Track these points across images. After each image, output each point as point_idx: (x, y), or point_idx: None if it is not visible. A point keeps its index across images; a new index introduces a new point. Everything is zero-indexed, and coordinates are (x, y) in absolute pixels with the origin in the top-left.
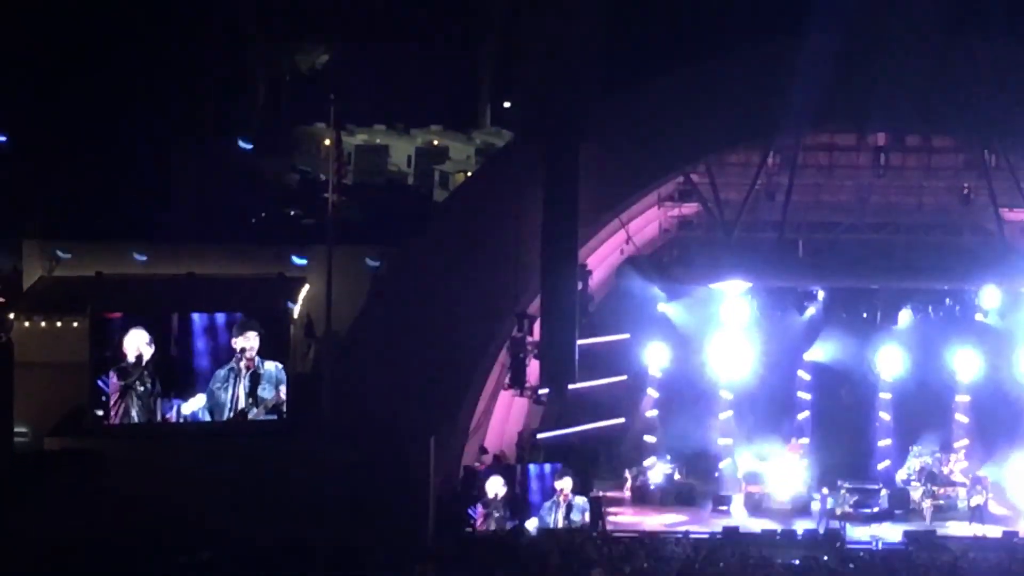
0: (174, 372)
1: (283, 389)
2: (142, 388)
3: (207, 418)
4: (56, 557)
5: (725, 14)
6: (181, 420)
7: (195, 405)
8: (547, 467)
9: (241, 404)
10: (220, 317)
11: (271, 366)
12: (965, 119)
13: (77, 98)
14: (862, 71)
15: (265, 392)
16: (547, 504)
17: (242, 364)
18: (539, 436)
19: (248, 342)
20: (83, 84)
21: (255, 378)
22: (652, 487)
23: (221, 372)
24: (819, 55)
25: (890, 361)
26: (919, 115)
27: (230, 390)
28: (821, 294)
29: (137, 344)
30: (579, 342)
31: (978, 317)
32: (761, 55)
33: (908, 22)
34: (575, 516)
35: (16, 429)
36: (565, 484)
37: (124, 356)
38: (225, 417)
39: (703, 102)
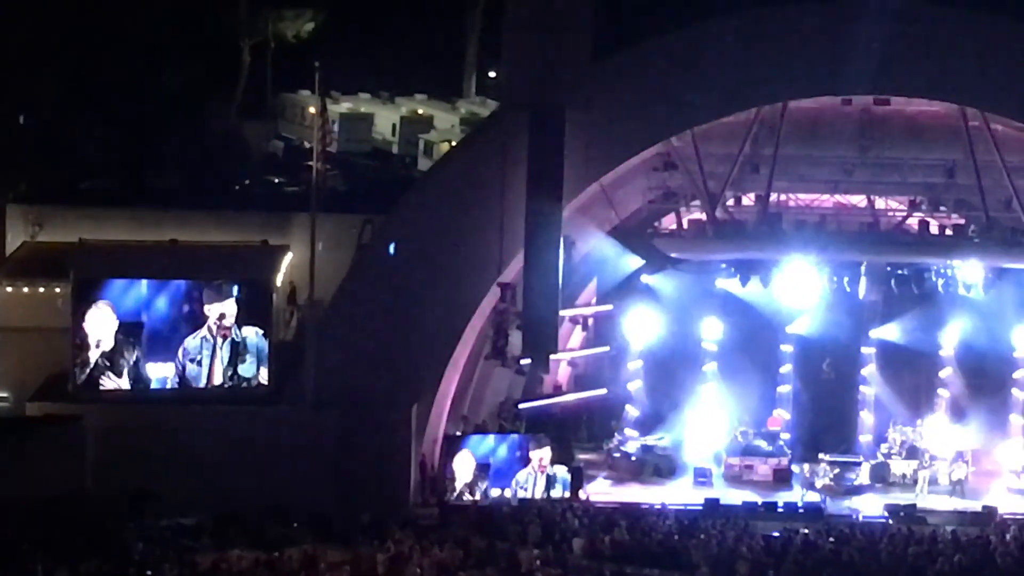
0: (146, 339)
1: (264, 371)
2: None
3: (175, 387)
4: (38, 521)
5: None
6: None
7: (162, 372)
8: (525, 436)
9: (217, 378)
10: (197, 284)
11: (251, 333)
12: (949, 86)
13: (59, 65)
14: (843, 38)
15: (247, 369)
16: (523, 473)
17: (216, 332)
18: (520, 406)
19: (224, 308)
20: (66, 51)
21: (234, 348)
22: (633, 458)
23: (192, 342)
24: (802, 25)
25: (873, 335)
26: (903, 82)
27: (205, 361)
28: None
29: (102, 324)
30: (561, 312)
31: (961, 292)
32: (745, 23)
33: None
34: (555, 486)
35: None
36: (544, 454)
37: (84, 332)
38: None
39: (688, 70)
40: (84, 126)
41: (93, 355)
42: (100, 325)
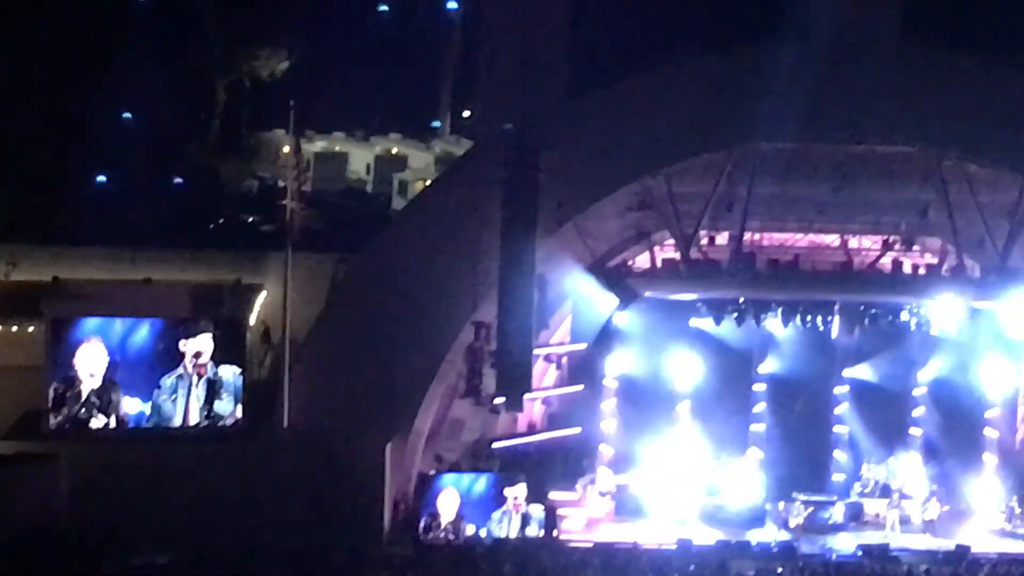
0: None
1: (239, 409)
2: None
3: (149, 425)
4: (12, 560)
5: (683, 23)
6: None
7: (136, 409)
8: (500, 475)
9: (194, 418)
10: (172, 323)
11: (227, 372)
12: (924, 130)
13: (32, 100)
14: (820, 81)
15: (223, 407)
16: (498, 513)
17: (191, 370)
18: (494, 445)
19: (200, 345)
20: (38, 87)
21: (210, 386)
22: (607, 497)
23: (167, 380)
24: (777, 64)
25: (846, 374)
26: (877, 125)
27: (180, 400)
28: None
29: (91, 360)
30: (535, 351)
31: (934, 331)
32: (720, 64)
33: (865, 32)
34: (530, 525)
35: None
36: (518, 492)
37: (74, 367)
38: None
39: (662, 111)
40: (58, 164)
41: (85, 390)
42: (92, 361)
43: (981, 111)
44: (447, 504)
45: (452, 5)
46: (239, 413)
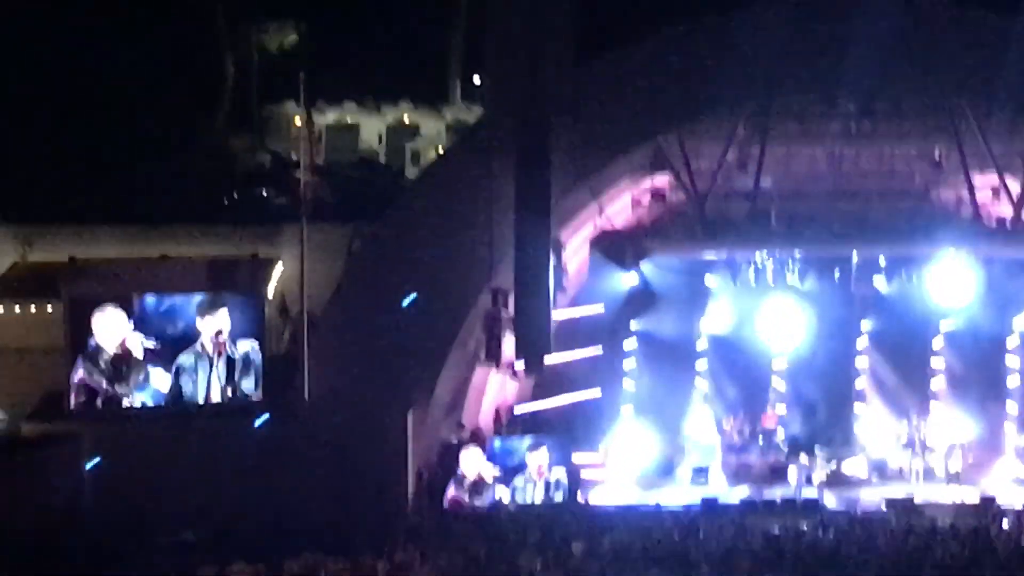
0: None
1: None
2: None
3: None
4: (36, 542)
5: None
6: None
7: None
8: (522, 440)
9: (216, 395)
10: (189, 299)
11: (247, 347)
12: (932, 84)
13: (44, 80)
14: (829, 38)
15: (246, 384)
16: (521, 478)
17: (210, 348)
18: (516, 410)
19: (219, 322)
20: (49, 66)
21: (230, 364)
22: (631, 459)
23: (186, 359)
24: (787, 22)
25: (866, 326)
26: (887, 80)
27: (201, 378)
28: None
29: (110, 327)
30: (554, 315)
31: (952, 282)
32: (730, 23)
33: None
34: (554, 491)
35: None
36: (541, 458)
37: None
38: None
39: (673, 72)
40: (71, 144)
41: (108, 360)
42: (111, 328)
43: (991, 62)
44: (470, 464)
45: None
46: (258, 389)
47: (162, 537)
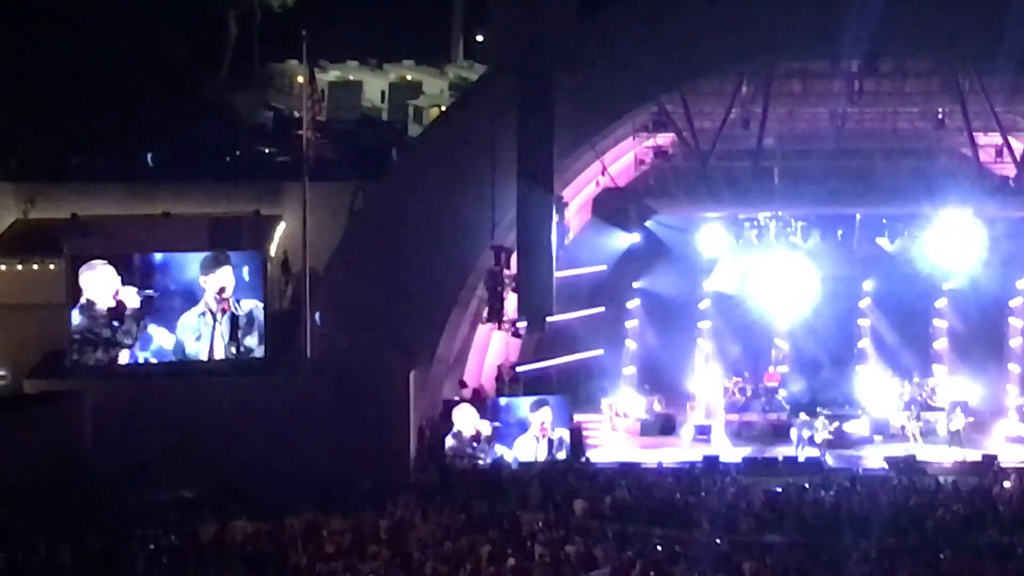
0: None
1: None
2: (112, 330)
3: (173, 361)
4: (39, 499)
5: None
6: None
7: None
8: (526, 399)
9: (219, 353)
10: (191, 257)
11: (251, 305)
12: (935, 43)
13: (47, 40)
14: None
15: (250, 342)
16: (524, 436)
17: (214, 305)
18: (518, 369)
19: (222, 279)
20: (53, 26)
21: (234, 321)
22: (632, 418)
23: (189, 317)
24: None
25: (869, 286)
26: (890, 38)
27: (205, 335)
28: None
29: (99, 284)
30: (556, 274)
31: (954, 241)
32: None
33: None
34: (556, 449)
35: None
36: (544, 417)
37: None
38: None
39: (676, 28)
40: (73, 102)
41: (102, 317)
42: (100, 285)
43: (993, 22)
44: (464, 419)
45: None
46: (261, 346)
47: (164, 494)
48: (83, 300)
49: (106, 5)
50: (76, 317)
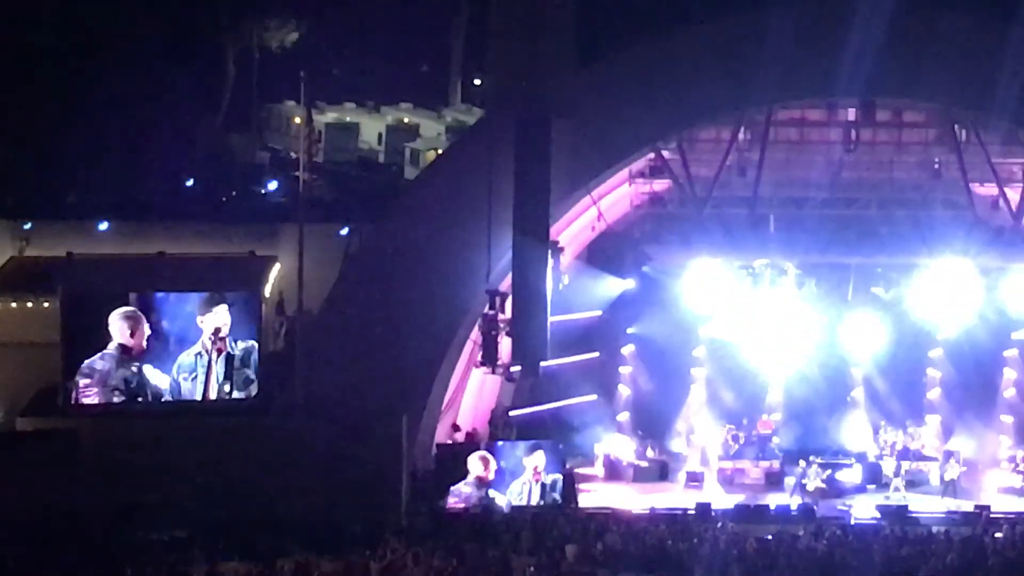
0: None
1: (255, 382)
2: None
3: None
4: (30, 536)
5: None
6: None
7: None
8: (520, 444)
9: (213, 393)
10: (187, 296)
11: (246, 345)
12: (933, 88)
13: (45, 76)
14: (830, 41)
15: (244, 382)
16: (518, 481)
17: (211, 345)
18: (511, 414)
19: (219, 319)
20: (50, 62)
21: (229, 361)
22: (625, 463)
23: (186, 358)
24: (787, 26)
25: (863, 336)
26: (885, 84)
27: (200, 376)
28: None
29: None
30: (551, 319)
31: (950, 291)
32: (730, 27)
33: None
34: (549, 493)
35: None
36: (538, 461)
37: (108, 336)
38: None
39: (674, 76)
40: (70, 140)
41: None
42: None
43: (989, 70)
44: (476, 469)
45: None
46: (255, 387)
47: (156, 534)
48: (114, 344)
49: (105, 44)
50: (100, 359)
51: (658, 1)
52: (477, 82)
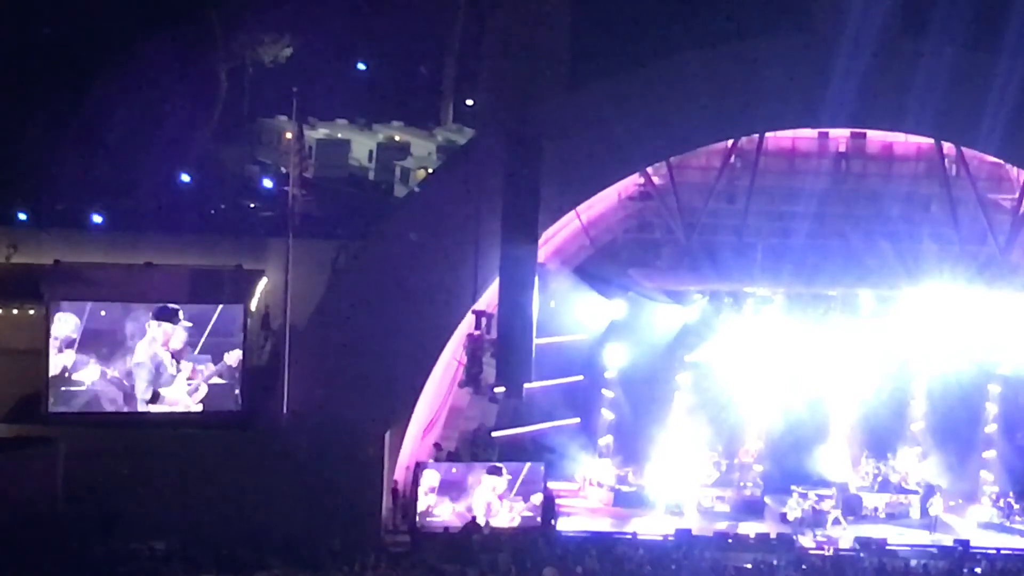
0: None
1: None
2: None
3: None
4: (9, 544)
5: (687, 13)
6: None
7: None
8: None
9: (194, 403)
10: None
11: (231, 359)
12: (919, 120)
13: (36, 86)
14: (818, 71)
15: (222, 394)
16: (497, 502)
17: (192, 356)
18: (493, 434)
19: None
20: (43, 72)
21: (211, 375)
22: (606, 488)
23: (168, 367)
24: (776, 56)
25: (846, 366)
26: (873, 113)
27: (180, 385)
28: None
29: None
30: (536, 341)
31: (936, 322)
32: (720, 55)
33: (870, 23)
34: (528, 516)
35: None
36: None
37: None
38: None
39: (664, 102)
40: (60, 149)
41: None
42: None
43: (980, 103)
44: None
45: None
46: (237, 400)
47: (134, 544)
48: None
49: (99, 55)
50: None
51: (651, 27)
52: (469, 102)
